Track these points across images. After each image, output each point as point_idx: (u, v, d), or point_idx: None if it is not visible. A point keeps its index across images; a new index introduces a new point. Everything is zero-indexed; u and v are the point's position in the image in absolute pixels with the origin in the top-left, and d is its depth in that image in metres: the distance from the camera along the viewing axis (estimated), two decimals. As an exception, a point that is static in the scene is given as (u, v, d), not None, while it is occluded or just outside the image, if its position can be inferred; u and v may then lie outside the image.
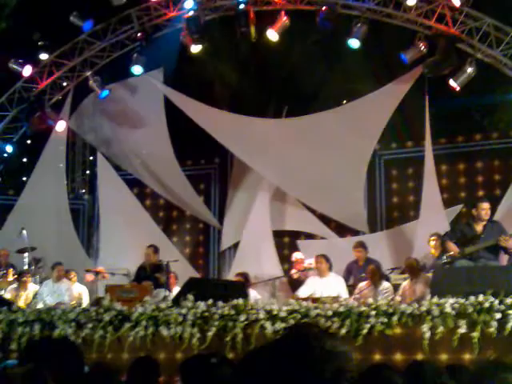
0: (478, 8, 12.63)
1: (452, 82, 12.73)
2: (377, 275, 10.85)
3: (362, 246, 11.97)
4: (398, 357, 8.37)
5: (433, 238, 11.32)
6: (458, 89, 12.74)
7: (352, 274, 11.80)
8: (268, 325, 8.77)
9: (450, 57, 12.64)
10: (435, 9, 12.83)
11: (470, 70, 12.70)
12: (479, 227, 9.91)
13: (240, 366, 2.48)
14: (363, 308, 8.62)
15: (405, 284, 10.56)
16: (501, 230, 9.87)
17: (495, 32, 12.66)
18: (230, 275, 13.02)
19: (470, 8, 12.64)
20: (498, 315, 8.02)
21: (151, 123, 15.11)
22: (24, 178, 15.31)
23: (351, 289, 11.12)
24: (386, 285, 10.82)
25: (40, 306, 10.88)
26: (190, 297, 9.35)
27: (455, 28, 12.76)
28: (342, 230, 14.66)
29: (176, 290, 11.43)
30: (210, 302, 9.22)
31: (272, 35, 13.51)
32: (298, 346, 2.31)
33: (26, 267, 12.64)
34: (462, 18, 12.75)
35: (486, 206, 9.99)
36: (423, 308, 8.35)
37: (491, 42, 12.67)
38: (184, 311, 9.22)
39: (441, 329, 8.16)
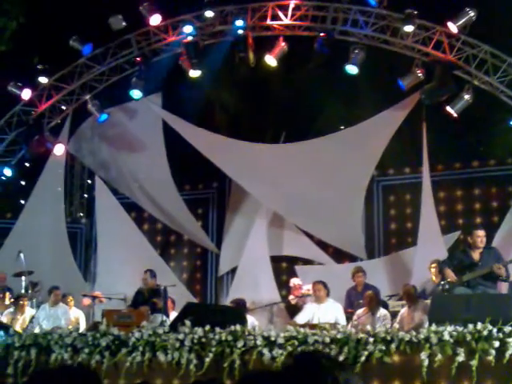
0: (474, 35, 12.71)
1: (449, 109, 12.80)
2: (374, 301, 10.82)
3: (362, 271, 12.01)
4: (397, 384, 8.35)
5: (433, 264, 11.33)
6: (455, 115, 12.80)
7: (351, 301, 11.78)
8: (266, 351, 8.73)
9: (447, 83, 12.71)
10: (432, 36, 12.92)
11: (467, 96, 12.77)
12: (476, 254, 9.88)
13: None
14: (361, 335, 8.59)
15: (403, 311, 10.53)
16: (497, 256, 9.85)
17: (492, 59, 12.73)
18: (228, 300, 12.98)
19: (466, 35, 12.72)
20: (497, 343, 7.98)
21: (149, 147, 15.14)
22: (22, 201, 15.27)
23: (349, 315, 11.09)
24: (383, 312, 10.79)
25: (36, 330, 10.82)
26: (188, 322, 9.32)
27: (452, 55, 12.84)
28: (339, 255, 14.65)
29: (173, 315, 11.40)
30: (208, 327, 9.18)
31: (270, 61, 13.59)
32: (310, 377, 2.27)
33: (22, 291, 12.59)
34: (459, 45, 12.83)
35: (481, 233, 9.93)
36: (421, 336, 8.32)
37: (488, 69, 12.75)
38: (181, 337, 9.18)
39: (439, 357, 8.12)
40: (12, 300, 12.38)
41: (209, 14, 13.88)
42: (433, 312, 9.12)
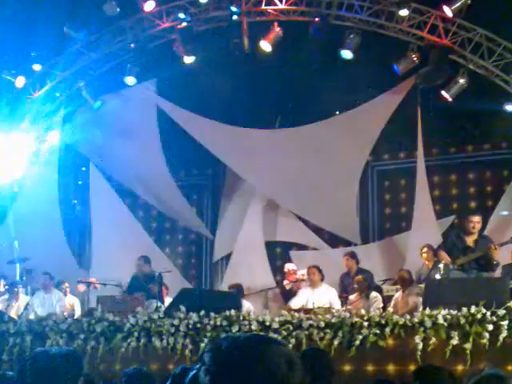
0: (470, 19, 12.64)
1: (444, 93, 12.78)
2: (364, 285, 10.79)
3: (349, 255, 11.94)
4: (391, 368, 8.38)
5: (424, 249, 11.29)
6: (450, 100, 12.78)
7: (345, 285, 11.78)
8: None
9: (442, 68, 12.68)
10: (427, 20, 12.85)
11: (462, 80, 12.75)
12: (470, 240, 9.89)
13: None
14: (356, 319, 8.62)
15: (397, 295, 10.55)
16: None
17: (487, 43, 12.68)
18: (223, 286, 13.01)
19: (462, 19, 12.66)
20: (490, 326, 8.03)
21: (144, 134, 15.09)
22: (16, 189, 15.22)
23: (344, 300, 11.10)
24: (373, 294, 10.79)
25: (31, 316, 10.82)
26: (183, 308, 9.34)
27: (447, 39, 12.78)
28: (334, 240, 14.67)
29: (168, 300, 11.41)
30: (203, 312, 9.21)
31: (265, 46, 13.54)
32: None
33: (17, 278, 12.59)
34: (454, 29, 12.76)
35: (474, 219, 9.92)
36: (416, 319, 8.36)
37: (483, 53, 12.70)
38: (176, 322, 9.21)
39: (433, 340, 8.17)
40: (6, 287, 12.38)
41: (203, -1, 13.81)
42: (427, 296, 9.14)
